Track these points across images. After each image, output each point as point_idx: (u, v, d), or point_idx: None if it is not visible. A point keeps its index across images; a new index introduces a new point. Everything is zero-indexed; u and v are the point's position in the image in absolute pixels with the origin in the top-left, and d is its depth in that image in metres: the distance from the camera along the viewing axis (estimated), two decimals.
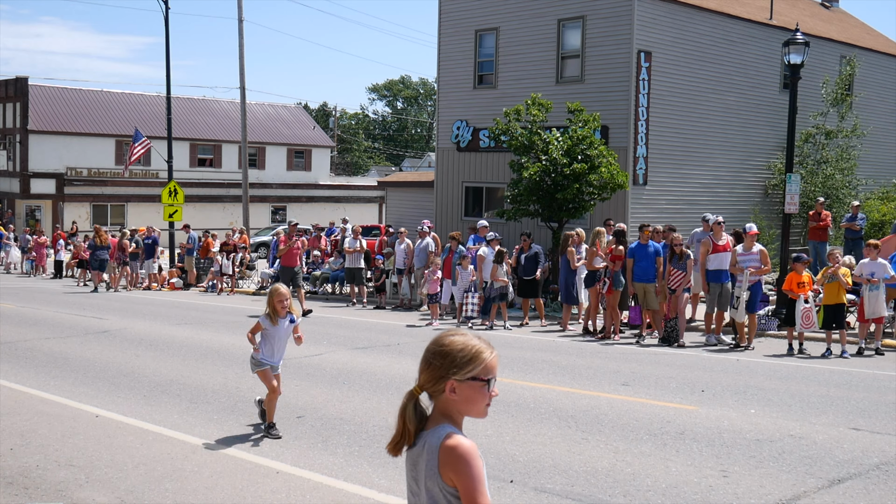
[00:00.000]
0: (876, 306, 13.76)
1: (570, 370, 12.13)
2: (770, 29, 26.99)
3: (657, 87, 23.87)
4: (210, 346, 14.43)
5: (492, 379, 2.84)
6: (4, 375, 11.47)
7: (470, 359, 2.82)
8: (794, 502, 6.51)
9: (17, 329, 16.29)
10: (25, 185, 47.86)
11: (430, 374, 2.85)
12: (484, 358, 2.84)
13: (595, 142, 20.46)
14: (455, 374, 2.80)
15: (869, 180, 28.28)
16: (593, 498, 6.58)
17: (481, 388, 2.82)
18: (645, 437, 8.32)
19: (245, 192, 33.36)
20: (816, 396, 10.28)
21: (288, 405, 9.70)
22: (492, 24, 26.38)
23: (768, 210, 26.76)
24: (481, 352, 2.84)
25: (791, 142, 19.03)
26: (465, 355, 2.82)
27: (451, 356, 2.83)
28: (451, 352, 2.83)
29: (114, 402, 9.94)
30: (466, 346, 2.84)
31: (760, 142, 27.05)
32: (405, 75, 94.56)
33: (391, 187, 33.45)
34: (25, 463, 7.41)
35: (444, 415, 2.84)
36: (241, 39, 32.49)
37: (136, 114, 50.44)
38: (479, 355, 2.83)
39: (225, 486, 6.83)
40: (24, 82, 48.84)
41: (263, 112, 58.56)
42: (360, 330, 16.78)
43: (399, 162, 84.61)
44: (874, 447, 8.02)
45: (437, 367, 2.83)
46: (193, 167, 52.91)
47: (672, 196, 24.32)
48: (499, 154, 25.42)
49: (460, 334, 2.89)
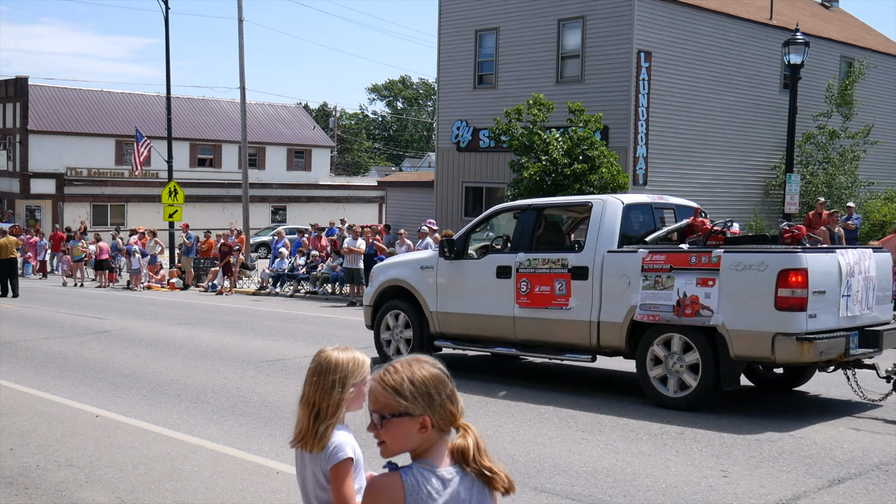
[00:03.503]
0: None
1: (570, 370, 12.13)
2: (770, 29, 26.99)
3: (657, 87, 23.87)
4: (210, 346, 14.43)
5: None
6: (4, 375, 11.47)
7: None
8: (794, 502, 6.51)
9: (17, 329, 16.29)
10: (25, 185, 47.85)
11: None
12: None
13: (596, 142, 20.48)
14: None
15: (869, 181, 28.29)
16: (593, 498, 6.58)
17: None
18: (645, 437, 8.32)
19: (245, 192, 33.36)
20: (816, 396, 10.28)
21: (288, 405, 9.70)
22: (492, 24, 26.39)
23: (768, 210, 26.77)
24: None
25: (791, 142, 19.04)
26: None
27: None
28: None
29: (114, 402, 9.94)
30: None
31: (760, 142, 27.05)
32: (405, 75, 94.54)
33: (391, 187, 33.45)
34: (25, 463, 7.41)
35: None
36: (241, 39, 32.49)
37: (136, 114, 50.42)
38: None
39: (225, 486, 6.83)
40: (24, 82, 48.82)
41: (263, 112, 58.56)
42: (360, 330, 16.78)
43: (399, 162, 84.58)
44: (874, 447, 8.02)
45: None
46: (193, 167, 52.90)
47: (672, 196, 24.33)
48: (499, 154, 25.41)
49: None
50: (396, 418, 2.58)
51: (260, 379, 11.35)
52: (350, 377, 3.19)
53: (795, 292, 8.66)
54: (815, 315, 8.78)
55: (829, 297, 8.95)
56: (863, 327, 9.41)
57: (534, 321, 10.60)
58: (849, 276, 9.15)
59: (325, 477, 3.15)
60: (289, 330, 16.25)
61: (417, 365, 2.64)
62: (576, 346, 10.33)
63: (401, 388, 2.58)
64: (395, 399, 2.58)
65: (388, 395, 2.59)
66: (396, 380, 2.60)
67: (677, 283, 9.32)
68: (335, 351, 3.25)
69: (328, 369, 3.18)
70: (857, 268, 9.29)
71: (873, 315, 9.62)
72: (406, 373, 2.61)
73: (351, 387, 3.19)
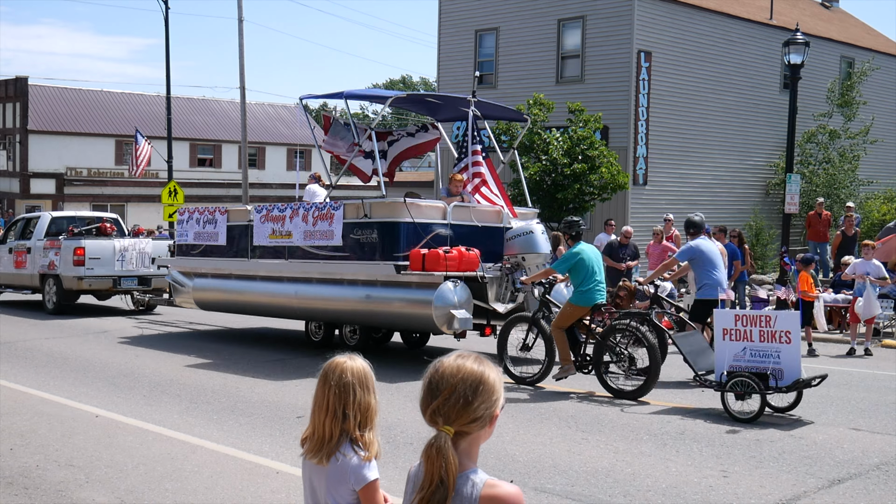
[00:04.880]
0: (870, 307, 13.72)
1: None
2: (770, 29, 27.00)
3: (657, 87, 23.88)
4: (210, 346, 14.43)
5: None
6: (4, 375, 11.47)
7: (500, 388, 2.59)
8: (794, 502, 6.51)
9: (18, 329, 16.29)
10: (25, 185, 47.85)
11: (478, 409, 2.53)
12: (502, 384, 2.63)
13: (596, 142, 20.47)
14: (501, 404, 2.56)
15: (869, 180, 28.30)
16: (593, 498, 6.58)
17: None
18: (645, 437, 8.32)
19: (245, 192, 33.33)
20: (816, 396, 10.28)
21: (288, 405, 9.70)
22: (492, 24, 26.39)
23: (768, 210, 26.77)
24: (500, 378, 2.62)
25: (791, 142, 19.04)
26: (499, 387, 2.57)
27: (492, 390, 2.56)
28: (492, 385, 2.56)
29: (113, 402, 9.94)
30: (498, 376, 2.59)
31: (760, 142, 27.06)
32: (405, 75, 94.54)
33: (391, 187, 33.44)
34: (25, 463, 7.41)
35: (467, 455, 2.55)
36: (241, 39, 32.48)
37: (136, 114, 50.41)
38: (501, 383, 2.61)
39: (225, 486, 6.83)
40: (23, 82, 48.82)
41: (263, 112, 58.55)
42: None
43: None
44: (874, 447, 8.02)
45: (485, 400, 2.53)
46: (193, 167, 52.88)
47: (672, 196, 24.32)
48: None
49: (477, 359, 2.60)
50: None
51: (260, 379, 11.35)
52: (368, 385, 3.12)
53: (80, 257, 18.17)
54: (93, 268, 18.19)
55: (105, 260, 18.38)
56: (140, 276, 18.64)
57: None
58: (122, 251, 18.50)
59: (351, 493, 3.05)
60: (289, 330, 16.24)
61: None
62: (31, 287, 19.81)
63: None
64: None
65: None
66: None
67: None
68: (350, 359, 3.17)
69: (352, 377, 3.10)
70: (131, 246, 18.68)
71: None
72: None
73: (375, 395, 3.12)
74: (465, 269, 11.56)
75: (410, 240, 11.81)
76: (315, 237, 12.79)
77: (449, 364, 2.58)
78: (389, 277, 11.83)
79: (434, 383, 2.56)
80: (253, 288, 14.05)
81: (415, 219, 11.90)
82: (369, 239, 12.15)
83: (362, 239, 12.24)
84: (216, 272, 14.75)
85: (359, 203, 12.55)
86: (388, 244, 11.92)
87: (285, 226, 13.27)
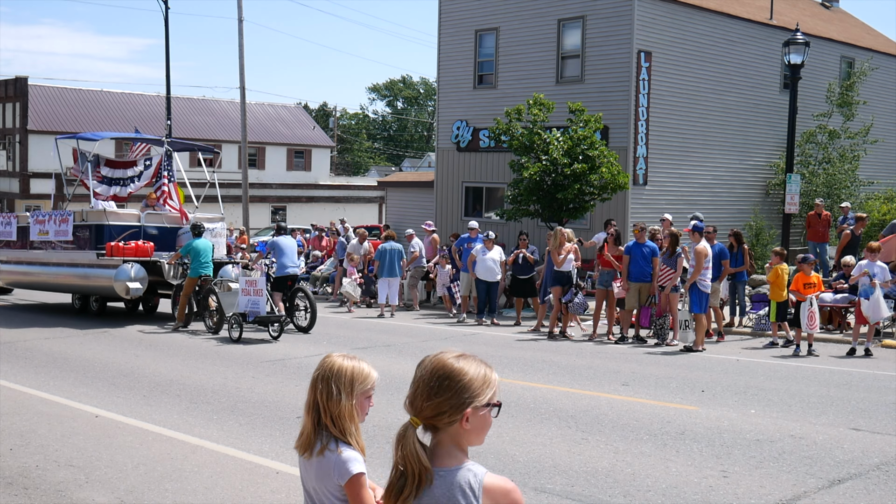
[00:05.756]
0: (878, 309, 13.60)
1: (570, 370, 12.12)
2: (770, 29, 26.99)
3: (657, 87, 23.87)
4: (210, 346, 14.43)
5: (500, 403, 2.63)
6: (4, 375, 11.47)
7: (485, 383, 2.57)
8: (794, 502, 6.51)
9: (17, 329, 16.29)
10: (25, 185, 47.84)
11: (441, 403, 2.54)
12: (495, 380, 2.60)
13: (596, 142, 20.46)
14: (473, 402, 2.54)
15: (869, 181, 28.29)
16: (593, 498, 6.58)
17: (490, 415, 2.58)
18: (645, 437, 8.32)
19: (245, 193, 33.35)
20: (816, 396, 10.28)
21: (288, 405, 9.70)
22: (492, 24, 26.38)
23: (768, 210, 26.77)
24: (491, 374, 2.60)
25: (791, 142, 19.03)
26: (480, 380, 2.55)
27: (466, 382, 2.54)
28: (466, 377, 2.55)
29: (113, 402, 9.94)
30: (479, 370, 2.57)
31: (760, 142, 27.05)
32: (405, 75, 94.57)
33: (391, 187, 33.44)
34: (25, 463, 7.41)
35: (457, 448, 2.58)
36: (241, 39, 32.50)
37: (136, 114, 50.40)
38: (492, 379, 2.59)
39: (225, 486, 6.83)
40: (23, 82, 48.82)
41: (263, 112, 58.54)
42: (359, 330, 16.79)
43: (399, 162, 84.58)
44: (874, 447, 8.02)
45: (451, 395, 2.52)
46: (193, 167, 52.82)
47: (672, 196, 24.31)
48: (499, 154, 25.41)
49: (464, 357, 2.61)
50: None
51: (260, 379, 11.36)
52: (356, 385, 3.15)
53: None
54: None
55: None
56: None
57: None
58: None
59: (338, 489, 3.09)
60: (289, 329, 16.24)
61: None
62: None
63: None
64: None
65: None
66: None
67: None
68: (342, 358, 3.22)
69: (332, 375, 3.16)
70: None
71: None
72: None
73: (356, 396, 3.15)
74: (140, 256, 16.93)
75: (110, 236, 17.42)
76: (59, 234, 18.66)
77: (430, 359, 2.65)
78: (93, 261, 17.53)
79: (414, 375, 2.66)
80: (33, 270, 19.61)
81: (112, 222, 17.77)
82: (85, 235, 18.04)
83: (82, 236, 18.13)
84: (14, 259, 20.23)
85: (80, 211, 18.49)
86: (95, 239, 17.72)
87: (46, 226, 19.19)
